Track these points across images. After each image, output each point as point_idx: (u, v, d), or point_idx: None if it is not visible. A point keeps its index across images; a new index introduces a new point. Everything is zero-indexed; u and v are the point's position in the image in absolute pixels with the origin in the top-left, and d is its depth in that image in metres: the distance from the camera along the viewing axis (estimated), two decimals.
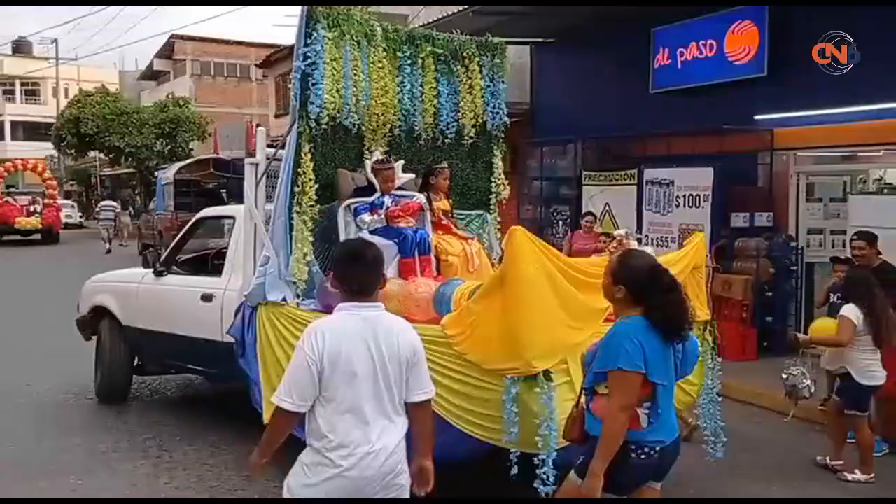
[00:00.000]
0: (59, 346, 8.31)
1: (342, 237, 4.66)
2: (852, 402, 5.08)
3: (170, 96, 32.45)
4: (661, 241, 9.04)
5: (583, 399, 3.04)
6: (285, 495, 2.67)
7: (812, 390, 5.30)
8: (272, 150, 5.04)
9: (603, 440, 2.81)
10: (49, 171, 29.67)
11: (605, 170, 10.29)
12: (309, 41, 4.59)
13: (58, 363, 7.84)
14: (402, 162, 5.07)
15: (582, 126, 10.94)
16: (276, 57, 26.63)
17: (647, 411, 2.87)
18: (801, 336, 5.52)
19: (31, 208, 25.34)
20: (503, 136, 5.82)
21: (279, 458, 2.76)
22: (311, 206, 4.66)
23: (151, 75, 43.65)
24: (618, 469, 2.83)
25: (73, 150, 33.30)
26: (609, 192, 10.15)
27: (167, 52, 40.36)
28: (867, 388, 5.06)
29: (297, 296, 4.66)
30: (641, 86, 10.43)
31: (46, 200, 26.04)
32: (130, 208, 25.97)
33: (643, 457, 2.87)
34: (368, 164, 4.91)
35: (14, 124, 49.36)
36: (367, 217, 4.73)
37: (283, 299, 4.59)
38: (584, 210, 9.87)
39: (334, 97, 4.72)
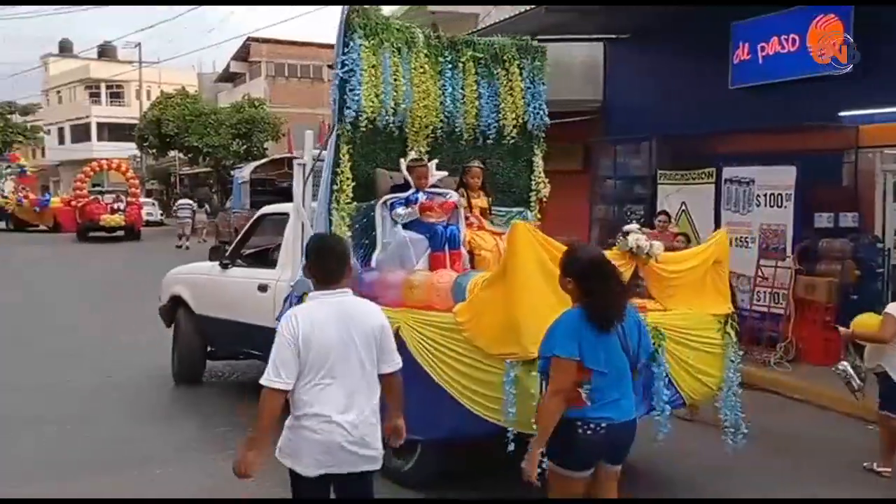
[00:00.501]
0: (139, 337, 9.30)
1: (379, 231, 5.31)
2: None
3: (245, 98, 34.41)
4: (741, 241, 9.10)
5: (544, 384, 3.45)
6: (276, 454, 3.28)
7: (858, 383, 5.48)
8: (316, 152, 5.76)
9: (538, 420, 3.26)
10: (132, 171, 32.04)
11: (681, 168, 10.41)
12: (346, 50, 5.23)
13: (137, 354, 8.77)
14: (435, 161, 5.64)
15: (657, 123, 11.13)
16: None
17: (587, 391, 3.24)
18: (842, 330, 5.66)
19: (115, 206, 27.74)
20: (543, 136, 6.29)
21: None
22: (349, 202, 5.32)
23: (228, 77, 46.08)
24: (568, 445, 3.24)
25: (154, 150, 35.94)
26: (685, 192, 10.27)
27: (243, 54, 42.60)
28: None
29: None
30: (720, 82, 10.56)
31: (129, 199, 28.37)
32: (206, 206, 27.78)
33: (589, 431, 3.24)
34: (403, 163, 5.52)
35: (100, 125, 53.24)
36: (401, 210, 5.34)
37: None
38: (658, 209, 10.03)
39: (372, 101, 5.32)
